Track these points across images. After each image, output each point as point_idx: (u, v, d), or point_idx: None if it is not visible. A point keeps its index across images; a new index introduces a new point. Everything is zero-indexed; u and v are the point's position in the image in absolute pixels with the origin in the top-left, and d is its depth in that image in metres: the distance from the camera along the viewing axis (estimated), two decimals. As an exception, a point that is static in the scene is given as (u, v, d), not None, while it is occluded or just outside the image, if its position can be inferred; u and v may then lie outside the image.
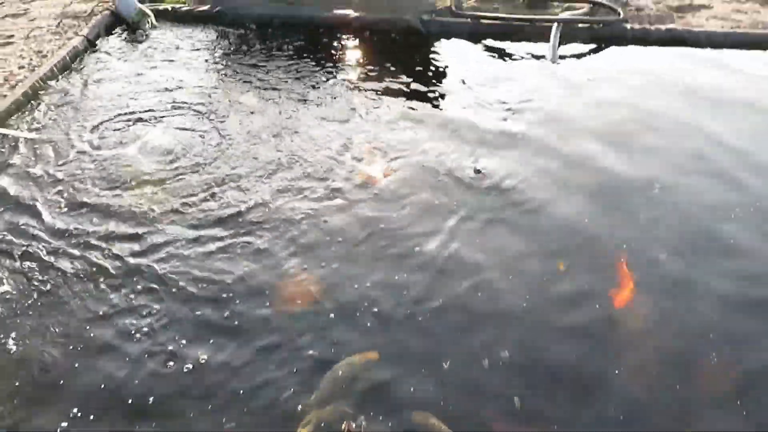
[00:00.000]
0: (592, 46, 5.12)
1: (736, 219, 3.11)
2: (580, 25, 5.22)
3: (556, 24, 5.08)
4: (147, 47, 4.91)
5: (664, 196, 3.28)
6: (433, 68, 4.74)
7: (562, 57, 4.89)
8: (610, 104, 4.22)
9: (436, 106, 4.13)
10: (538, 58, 4.89)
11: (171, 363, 2.35)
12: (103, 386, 2.27)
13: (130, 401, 2.22)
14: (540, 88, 4.39)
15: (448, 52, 5.04)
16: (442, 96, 4.28)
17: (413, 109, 4.08)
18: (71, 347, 2.41)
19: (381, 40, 5.19)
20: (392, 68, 4.64)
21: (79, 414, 2.17)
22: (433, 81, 4.50)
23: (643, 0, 5.81)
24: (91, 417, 2.17)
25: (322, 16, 5.39)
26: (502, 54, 4.99)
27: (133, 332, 2.46)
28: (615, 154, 3.63)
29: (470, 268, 2.80)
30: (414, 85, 4.40)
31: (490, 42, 5.14)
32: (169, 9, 5.41)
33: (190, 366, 2.34)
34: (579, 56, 5.01)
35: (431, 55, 5.02)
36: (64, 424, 2.14)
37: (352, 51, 5.03)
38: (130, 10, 5.15)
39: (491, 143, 3.69)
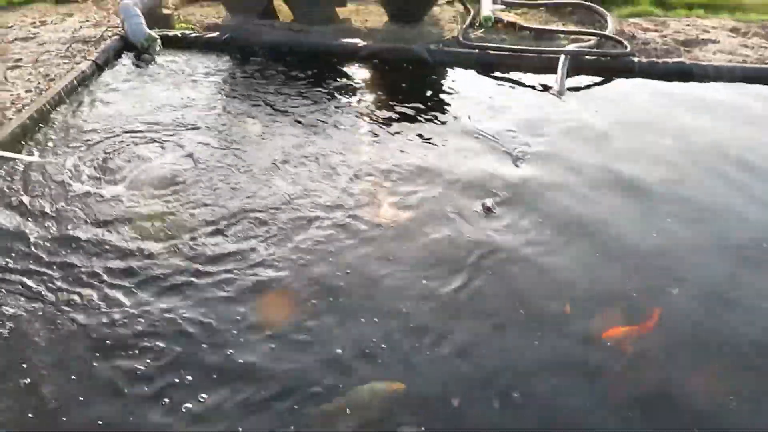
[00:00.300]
0: (600, 78, 5.11)
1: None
2: (587, 57, 5.22)
3: (563, 56, 5.08)
4: (155, 73, 4.90)
5: (679, 233, 3.23)
6: (440, 99, 4.72)
7: (569, 89, 4.88)
8: (618, 136, 4.19)
9: (444, 138, 4.08)
10: (545, 89, 4.87)
11: (168, 402, 2.26)
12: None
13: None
14: (548, 120, 4.36)
15: (456, 82, 5.03)
16: (450, 127, 4.24)
17: (421, 140, 4.04)
18: (66, 385, 2.32)
19: (388, 69, 5.19)
20: (399, 98, 4.62)
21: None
22: (441, 112, 4.48)
23: (649, 33, 5.83)
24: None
25: (329, 44, 5.41)
26: (510, 84, 4.98)
27: (133, 372, 2.39)
28: (627, 187, 3.59)
29: (480, 308, 2.72)
30: (421, 116, 4.37)
31: (497, 72, 5.14)
32: (179, 35, 5.43)
33: (189, 406, 2.26)
34: (586, 88, 5.00)
35: (438, 86, 5.01)
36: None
37: (359, 79, 5.01)
38: (139, 35, 5.16)
39: (500, 178, 3.62)
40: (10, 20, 5.77)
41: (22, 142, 3.83)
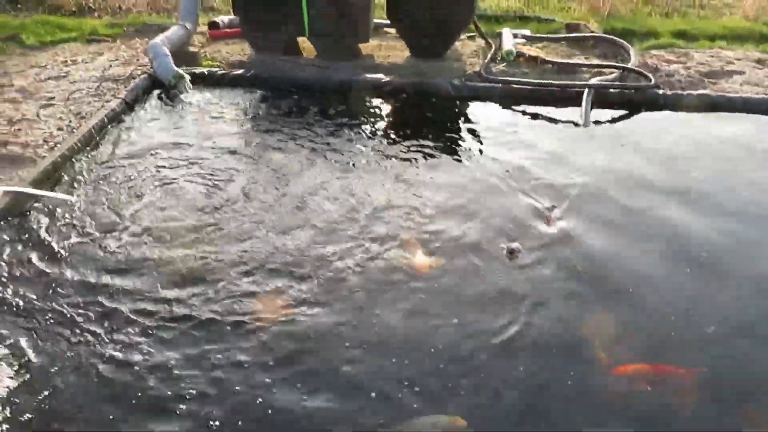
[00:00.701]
0: (624, 111, 5.09)
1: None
2: (611, 90, 5.21)
3: (587, 89, 5.07)
4: (183, 110, 4.99)
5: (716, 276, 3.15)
6: (464, 133, 4.72)
7: (594, 122, 4.86)
8: (644, 167, 4.14)
9: (469, 175, 4.04)
10: (570, 122, 4.86)
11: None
12: None
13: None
14: (574, 153, 4.33)
15: (480, 116, 5.04)
16: (475, 163, 4.22)
17: (446, 176, 4.02)
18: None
19: (412, 103, 5.22)
20: (424, 133, 4.62)
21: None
22: (466, 147, 4.48)
23: (673, 66, 5.81)
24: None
25: (353, 80, 5.46)
26: (534, 118, 4.97)
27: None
28: (657, 217, 3.54)
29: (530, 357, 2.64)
30: (446, 151, 4.36)
31: (520, 106, 5.14)
32: (206, 72, 5.53)
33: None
34: (611, 121, 4.97)
35: (462, 120, 5.02)
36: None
37: (383, 114, 5.05)
38: (167, 73, 5.26)
39: (528, 218, 3.57)
40: (43, 60, 5.93)
41: (54, 180, 3.89)
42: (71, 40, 6.49)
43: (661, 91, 5.18)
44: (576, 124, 4.81)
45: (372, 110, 5.10)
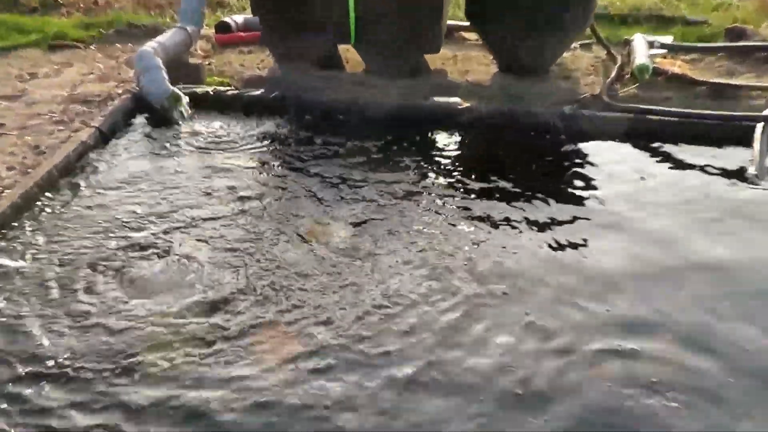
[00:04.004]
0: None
1: None
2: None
3: (761, 123, 5.01)
4: (178, 144, 5.15)
5: None
6: (576, 186, 4.67)
7: (771, 172, 4.78)
8: None
9: (589, 257, 3.96)
10: (735, 173, 4.78)
11: None
12: None
13: None
14: (743, 218, 4.26)
15: (600, 160, 4.99)
16: (596, 237, 4.13)
17: (559, 260, 3.97)
18: None
19: (501, 141, 5.25)
20: (518, 186, 4.60)
21: None
22: (578, 204, 4.44)
23: None
24: None
25: (417, 106, 5.56)
26: (682, 165, 4.91)
27: None
28: None
29: None
30: (553, 216, 4.30)
31: (660, 146, 5.11)
32: (211, 92, 5.74)
33: None
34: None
35: (574, 166, 4.97)
36: None
37: (459, 156, 5.08)
38: (159, 92, 5.47)
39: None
40: (-10, 72, 6.28)
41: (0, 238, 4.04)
42: (30, 46, 6.90)
43: None
44: (744, 176, 4.73)
45: (443, 150, 5.15)
